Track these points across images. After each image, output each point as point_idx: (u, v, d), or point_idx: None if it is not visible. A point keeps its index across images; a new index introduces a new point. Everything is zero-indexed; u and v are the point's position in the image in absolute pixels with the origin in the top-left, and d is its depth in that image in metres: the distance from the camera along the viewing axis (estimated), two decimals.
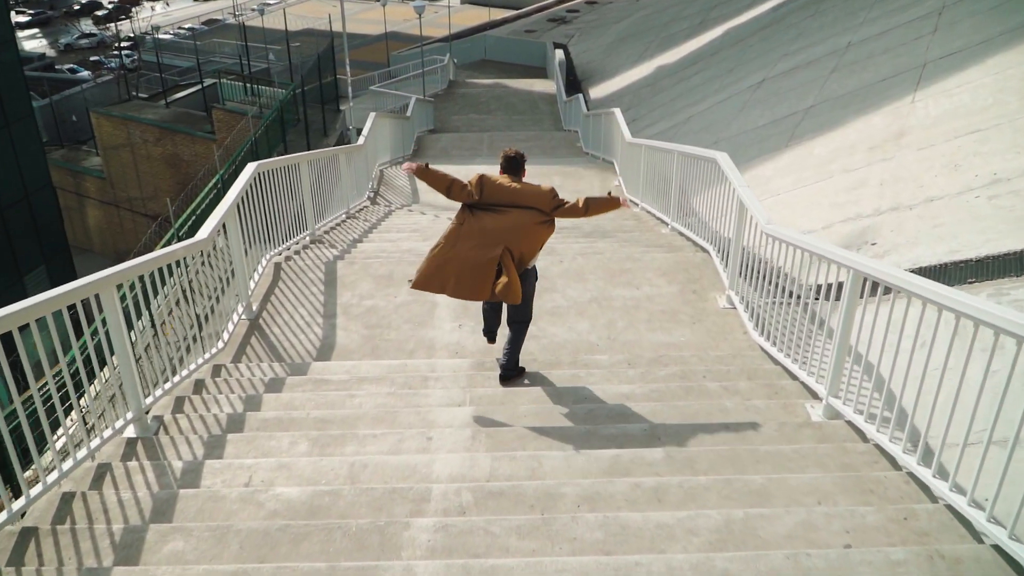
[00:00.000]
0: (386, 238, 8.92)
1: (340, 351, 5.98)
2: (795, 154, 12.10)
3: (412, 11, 30.73)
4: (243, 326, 6.28)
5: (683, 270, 7.12)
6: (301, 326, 6.33)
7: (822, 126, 12.53)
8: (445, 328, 6.29)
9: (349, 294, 6.82)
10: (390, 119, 15.48)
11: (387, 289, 6.88)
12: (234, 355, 5.89)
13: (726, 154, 6.97)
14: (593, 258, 7.40)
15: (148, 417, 4.62)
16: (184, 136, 25.39)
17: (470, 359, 5.76)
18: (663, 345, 6.00)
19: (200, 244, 5.33)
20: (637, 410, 4.68)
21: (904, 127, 10.76)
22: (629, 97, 25.46)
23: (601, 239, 8.42)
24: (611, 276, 7.04)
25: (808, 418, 4.57)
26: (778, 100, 15.28)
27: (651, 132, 19.59)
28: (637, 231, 9.01)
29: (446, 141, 19.97)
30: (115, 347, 4.26)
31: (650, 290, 6.80)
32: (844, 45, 16.38)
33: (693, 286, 6.85)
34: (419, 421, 4.59)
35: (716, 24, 27.57)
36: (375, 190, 12.74)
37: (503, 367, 5.19)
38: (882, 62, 13.91)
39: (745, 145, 13.93)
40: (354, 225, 9.71)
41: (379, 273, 7.13)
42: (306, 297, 6.77)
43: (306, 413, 4.69)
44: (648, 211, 10.41)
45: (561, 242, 8.35)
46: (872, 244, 8.19)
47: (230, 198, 6.08)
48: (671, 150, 8.58)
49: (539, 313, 6.47)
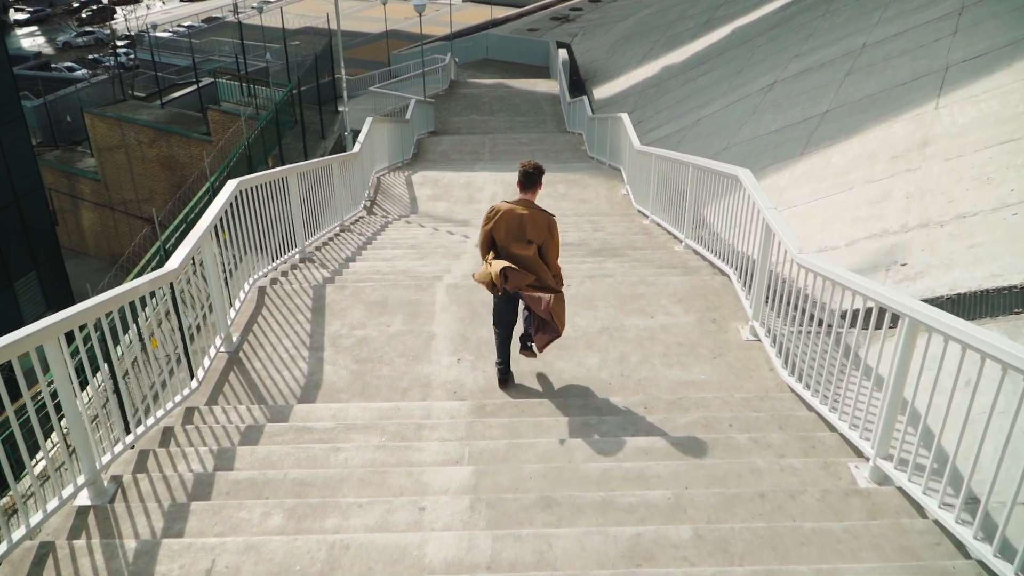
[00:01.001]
0: (381, 256, 8.37)
1: (327, 390, 5.44)
2: (811, 162, 11.54)
3: (413, 9, 30.13)
4: (221, 360, 5.74)
5: (701, 296, 6.57)
6: (285, 360, 5.79)
7: (839, 133, 11.96)
8: (442, 363, 5.75)
9: (338, 323, 6.27)
10: (388, 123, 14.93)
11: (380, 317, 6.34)
12: (209, 395, 5.35)
13: (748, 171, 6.41)
14: (603, 282, 6.84)
15: (105, 478, 4.08)
16: (179, 137, 24.85)
17: (470, 401, 5.21)
18: (682, 384, 5.45)
19: (169, 276, 4.79)
20: (657, 470, 4.13)
21: (928, 135, 10.20)
22: (634, 98, 24.89)
23: (611, 258, 7.87)
24: (623, 303, 6.49)
25: (854, 483, 4.02)
26: (791, 104, 14.71)
27: (658, 135, 19.03)
28: (648, 248, 8.46)
29: (447, 144, 19.41)
30: (64, 405, 3.73)
31: (665, 319, 6.25)
32: (859, 46, 15.81)
33: (712, 315, 6.30)
34: (411, 485, 4.04)
35: (723, 23, 26.99)
36: (372, 199, 12.20)
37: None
38: (900, 65, 13.34)
39: (758, 152, 13.37)
40: (348, 240, 9.16)
41: (371, 299, 6.59)
42: (291, 326, 6.22)
43: (284, 473, 4.15)
44: (659, 224, 9.86)
45: (567, 261, 7.80)
46: (902, 265, 7.63)
47: (206, 221, 5.53)
48: (686, 162, 8.02)
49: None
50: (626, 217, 10.84)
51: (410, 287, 6.74)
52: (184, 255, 5.00)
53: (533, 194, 5.15)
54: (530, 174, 5.09)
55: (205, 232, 5.44)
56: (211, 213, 5.71)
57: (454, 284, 6.82)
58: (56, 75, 38.62)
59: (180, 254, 5.02)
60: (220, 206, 5.87)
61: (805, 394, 4.96)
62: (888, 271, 7.64)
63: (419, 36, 35.04)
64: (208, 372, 5.51)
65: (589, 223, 10.27)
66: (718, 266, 7.22)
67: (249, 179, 6.42)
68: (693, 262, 7.65)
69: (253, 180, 6.50)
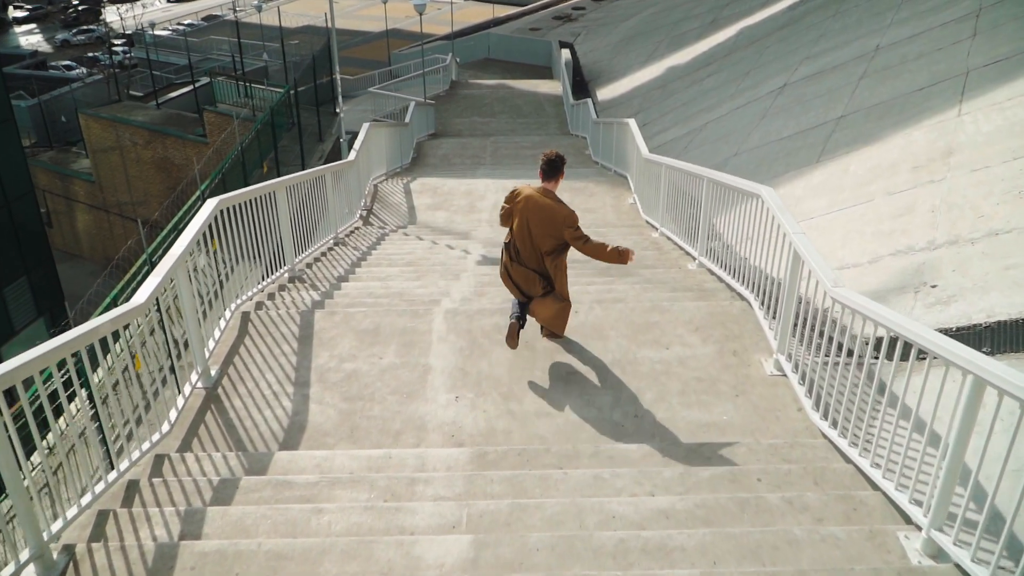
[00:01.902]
0: (375, 274, 7.87)
1: (312, 434, 4.95)
2: (828, 171, 11.04)
3: (414, 8, 29.60)
4: (198, 398, 5.25)
5: (719, 324, 6.07)
6: (267, 397, 5.30)
7: (856, 140, 11.46)
8: (439, 401, 5.26)
9: (327, 355, 5.78)
10: (386, 128, 14.43)
11: (372, 348, 5.84)
12: (183, 439, 4.86)
13: (771, 190, 5.92)
14: (613, 308, 6.34)
15: (55, 549, 3.60)
16: (175, 139, 24.36)
17: (469, 448, 4.73)
18: (702, 427, 4.96)
19: (133, 313, 4.30)
20: (681, 540, 3.64)
21: (952, 144, 9.71)
22: (639, 100, 24.40)
23: (620, 278, 7.37)
24: (635, 332, 5.99)
25: (905, 558, 3.53)
26: (803, 109, 14.20)
27: (664, 139, 18.53)
28: (660, 266, 7.95)
29: (447, 148, 18.92)
30: (3, 475, 3.25)
31: (682, 350, 5.76)
32: (872, 48, 15.30)
33: (733, 345, 5.81)
34: (401, 560, 3.55)
35: (729, 23, 26.49)
36: (368, 208, 11.71)
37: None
38: (917, 69, 12.84)
39: (770, 159, 12.87)
40: (341, 255, 8.67)
41: (363, 327, 6.09)
42: (276, 358, 5.73)
43: (258, 543, 3.66)
44: (669, 237, 9.36)
45: (574, 283, 7.31)
46: (932, 286, 7.14)
47: (180, 247, 5.05)
48: (700, 175, 7.52)
49: (553, 381, 5.45)
50: (634, 229, 10.34)
51: (405, 313, 6.25)
52: (151, 289, 4.51)
53: (555, 183, 5.45)
54: (553, 162, 5.37)
55: (179, 260, 4.96)
56: (186, 237, 5.23)
57: (453, 310, 6.32)
58: (52, 74, 38.09)
59: (147, 288, 4.53)
60: (197, 229, 5.38)
61: (841, 443, 4.47)
62: (917, 293, 7.14)
63: (420, 35, 34.53)
64: (183, 412, 5.03)
65: (595, 236, 9.76)
66: (736, 289, 6.72)
67: (230, 198, 5.92)
68: (709, 283, 7.15)
69: (234, 199, 6.00)
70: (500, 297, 6.72)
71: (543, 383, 5.42)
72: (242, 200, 6.18)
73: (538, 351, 5.77)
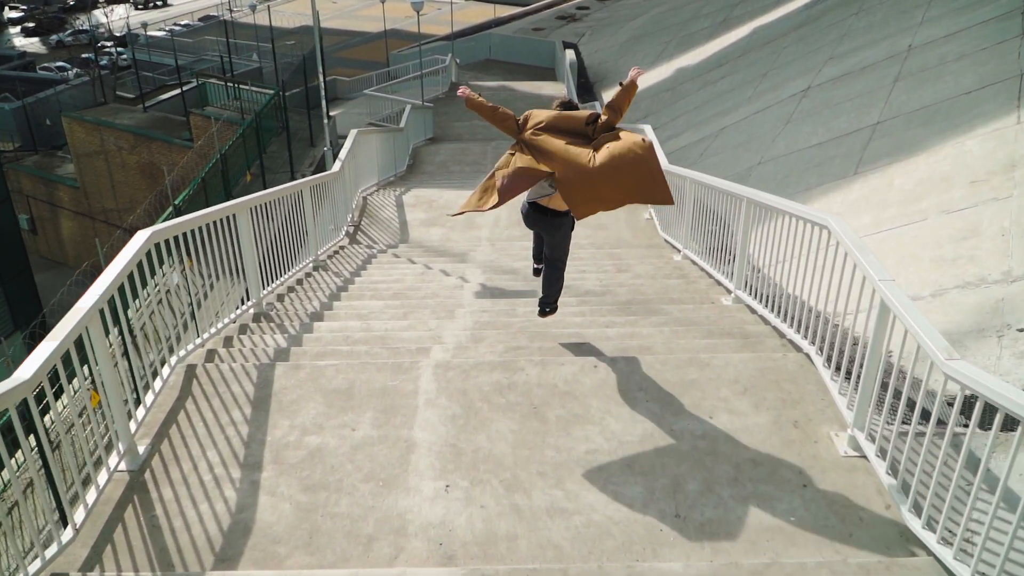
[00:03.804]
0: (356, 310, 6.72)
1: (258, 541, 3.81)
2: (869, 185, 9.90)
3: (412, 7, 28.47)
4: (118, 486, 4.12)
5: (773, 383, 4.93)
6: (207, 485, 4.16)
7: (898, 149, 10.32)
8: (424, 491, 4.11)
9: (287, 424, 4.64)
10: (377, 134, 13.28)
11: (343, 415, 4.70)
12: (92, 548, 3.73)
13: (840, 218, 4.79)
14: (640, 361, 5.19)
15: None
16: (161, 143, 23.24)
17: (462, 566, 3.59)
18: (765, 532, 3.82)
19: (15, 394, 3.17)
20: None
21: (1015, 155, 8.56)
22: (647, 102, 23.27)
23: (645, 317, 6.22)
24: (670, 395, 4.85)
25: None
26: (833, 113, 13.06)
27: (677, 144, 17.39)
28: (690, 301, 6.80)
29: (445, 154, 17.78)
30: None
31: (729, 420, 4.61)
32: (904, 48, 14.14)
33: (792, 414, 4.66)
34: None
35: (741, 23, 25.36)
36: (356, 223, 10.58)
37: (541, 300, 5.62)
38: (961, 70, 11.68)
39: (800, 169, 11.73)
40: (320, 283, 7.54)
41: (334, 386, 4.95)
42: (223, 429, 4.59)
43: None
44: (694, 262, 8.22)
45: (589, 325, 6.16)
46: (1020, 330, 5.99)
47: (92, 296, 3.92)
48: (738, 194, 6.39)
49: (568, 463, 4.30)
50: (653, 250, 9.20)
51: (386, 368, 5.10)
52: (41, 361, 3.38)
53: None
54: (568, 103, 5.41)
55: (89, 313, 3.83)
56: (104, 282, 4.09)
57: (444, 363, 5.18)
58: (39, 76, 37.00)
59: (36, 359, 3.40)
60: (119, 271, 4.24)
61: (959, 570, 3.33)
62: (1001, 339, 5.99)
63: (419, 36, 33.42)
64: (94, 508, 3.90)
65: (610, 259, 8.63)
66: (787, 335, 5.57)
67: (165, 230, 4.77)
68: (751, 325, 5.99)
69: (173, 229, 4.85)
70: (502, 345, 5.58)
71: (556, 466, 4.28)
72: (185, 230, 5.03)
73: (549, 421, 4.63)
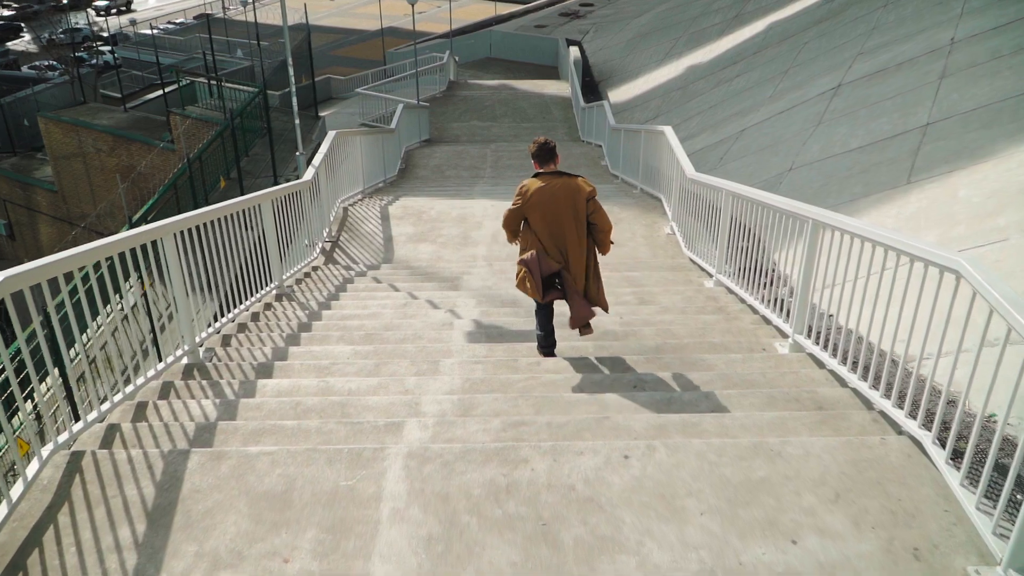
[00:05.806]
0: (316, 359, 5.33)
1: None
2: (927, 196, 8.52)
3: (407, 1, 27.12)
4: None
5: (873, 484, 3.55)
6: None
7: (958, 155, 8.95)
8: None
9: (193, 551, 3.27)
10: (363, 136, 11.91)
11: (273, 536, 3.33)
12: None
13: (977, 264, 3.45)
14: (686, 449, 3.80)
15: None
16: (140, 145, 21.90)
17: None
18: None
19: None
20: None
21: None
22: (657, 101, 21.93)
23: (681, 371, 4.83)
24: (731, 503, 3.47)
25: None
26: (871, 114, 11.69)
27: (692, 148, 16.02)
28: (735, 348, 5.41)
29: (441, 157, 16.42)
30: None
31: (821, 546, 3.24)
32: (946, 42, 12.77)
33: (907, 535, 3.29)
34: None
35: (755, 18, 24.05)
36: (334, 238, 9.22)
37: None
38: (1020, 64, 10.33)
39: (839, 176, 10.35)
40: (278, 320, 6.18)
41: (266, 488, 3.57)
42: (102, 559, 3.23)
43: None
44: (731, 290, 6.86)
45: (612, 384, 4.77)
46: None
47: None
48: (802, 215, 5.03)
49: None
50: (678, 273, 7.82)
51: (340, 458, 3.73)
52: None
53: (555, 163, 5.16)
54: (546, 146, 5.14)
55: None
56: None
57: (421, 451, 3.79)
58: (22, 74, 35.70)
59: None
60: None
61: None
62: None
63: (416, 33, 32.08)
64: None
65: (628, 284, 7.25)
66: (877, 405, 4.19)
67: (20, 275, 3.37)
68: (824, 387, 4.61)
69: (32, 275, 3.45)
70: (499, 419, 4.20)
71: None
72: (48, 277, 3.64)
73: (565, 548, 3.25)
